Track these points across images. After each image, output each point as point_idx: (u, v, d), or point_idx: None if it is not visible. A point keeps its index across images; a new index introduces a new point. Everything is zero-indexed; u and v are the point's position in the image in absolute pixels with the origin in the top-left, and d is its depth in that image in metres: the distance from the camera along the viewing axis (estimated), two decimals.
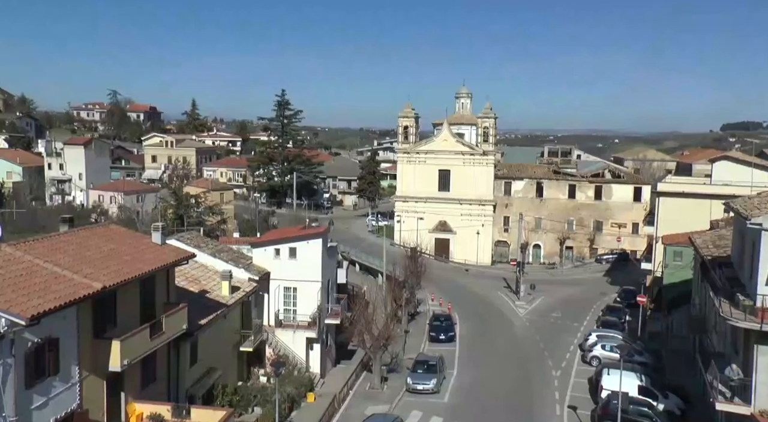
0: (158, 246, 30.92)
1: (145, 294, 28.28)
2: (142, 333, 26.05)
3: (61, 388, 22.57)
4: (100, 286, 23.80)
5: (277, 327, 42.42)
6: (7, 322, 19.76)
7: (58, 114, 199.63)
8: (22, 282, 22.22)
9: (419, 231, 78.22)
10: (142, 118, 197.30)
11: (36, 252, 25.06)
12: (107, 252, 27.78)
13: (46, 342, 21.64)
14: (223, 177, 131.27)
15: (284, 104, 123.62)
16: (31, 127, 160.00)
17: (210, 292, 36.67)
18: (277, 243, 43.10)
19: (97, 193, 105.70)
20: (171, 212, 77.81)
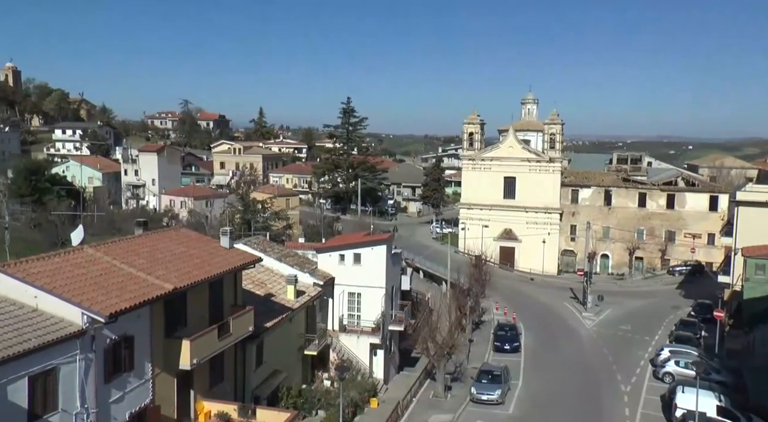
0: (226, 250, 31.64)
1: (213, 296, 28.99)
2: (211, 333, 26.68)
3: (136, 384, 23.40)
4: (172, 287, 24.52)
5: (341, 331, 42.66)
6: (89, 319, 20.67)
7: (134, 123, 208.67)
8: (101, 281, 23.18)
9: (484, 239, 77.27)
10: (212, 126, 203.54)
11: (114, 253, 26.10)
12: (178, 254, 28.62)
13: (123, 340, 22.50)
14: (289, 183, 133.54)
15: (349, 111, 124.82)
16: (109, 135, 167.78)
17: (275, 296, 37.24)
18: (342, 249, 43.37)
19: (168, 197, 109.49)
20: (238, 217, 79.66)
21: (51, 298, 21.15)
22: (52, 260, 23.75)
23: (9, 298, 21.38)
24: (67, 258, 24.42)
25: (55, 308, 21.10)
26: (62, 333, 20.13)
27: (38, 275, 21.95)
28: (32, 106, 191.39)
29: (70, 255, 24.88)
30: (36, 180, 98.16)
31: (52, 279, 22.03)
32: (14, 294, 21.42)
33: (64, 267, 23.40)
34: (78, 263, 24.17)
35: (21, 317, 20.42)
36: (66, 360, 20.16)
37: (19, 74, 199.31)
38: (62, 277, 22.41)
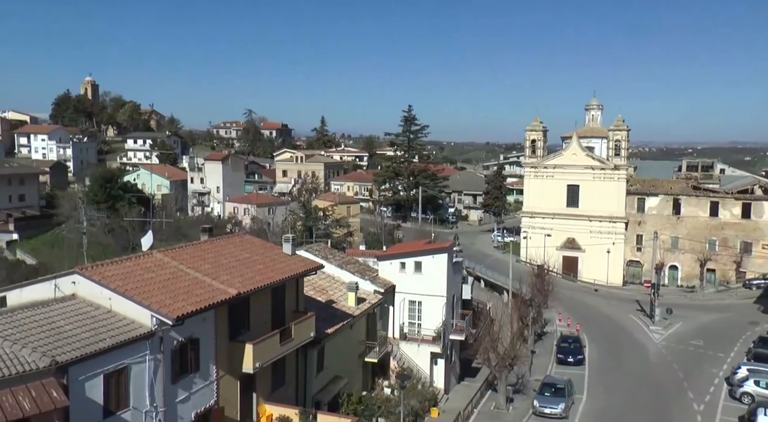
0: (288, 257, 32.11)
1: (275, 302, 29.44)
2: (273, 338, 27.07)
3: (201, 385, 24.00)
4: (235, 292, 25.04)
5: (401, 339, 42.56)
6: (158, 321, 21.35)
7: (200, 132, 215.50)
8: (169, 285, 23.90)
9: (546, 249, 75.74)
10: (275, 135, 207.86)
11: (181, 258, 26.89)
12: (242, 260, 29.22)
13: (189, 342, 23.13)
14: (350, 191, 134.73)
15: (410, 119, 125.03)
16: (177, 145, 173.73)
17: (336, 302, 37.51)
18: (403, 257, 43.33)
19: (232, 204, 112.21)
20: (300, 224, 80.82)
21: (123, 300, 21.98)
22: (124, 264, 24.68)
23: (86, 299, 22.38)
24: (138, 262, 25.32)
25: (127, 310, 21.91)
26: (133, 334, 20.87)
27: (112, 278, 22.84)
28: (108, 117, 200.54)
29: (141, 259, 25.79)
30: (110, 187, 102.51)
31: (125, 282, 22.88)
32: (91, 296, 22.40)
33: (135, 270, 24.27)
34: (148, 267, 25.02)
35: (97, 317, 21.33)
36: (137, 360, 20.90)
37: (97, 88, 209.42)
38: (134, 280, 23.24)
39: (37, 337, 19.11)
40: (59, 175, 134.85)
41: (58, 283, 22.96)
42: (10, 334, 18.91)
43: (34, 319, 20.36)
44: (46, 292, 22.87)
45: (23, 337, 18.91)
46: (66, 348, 18.84)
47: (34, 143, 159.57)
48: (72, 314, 21.34)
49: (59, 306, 21.84)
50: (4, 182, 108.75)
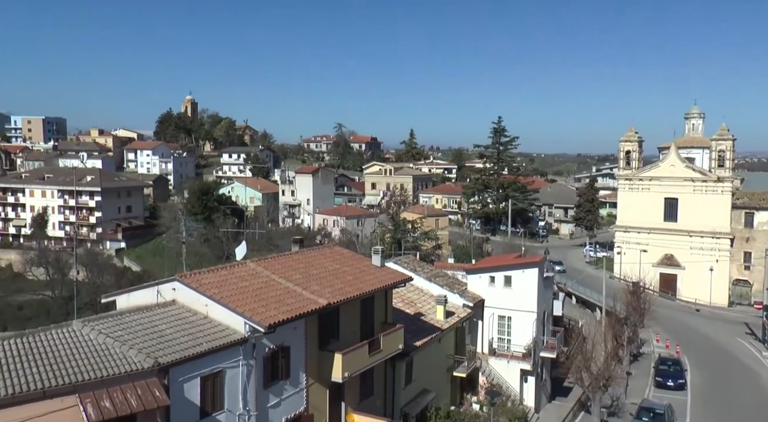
0: (377, 269, 32.22)
1: (364, 313, 29.61)
2: (362, 349, 27.20)
3: (291, 392, 24.48)
4: (325, 302, 25.38)
5: (490, 355, 41.74)
6: (251, 328, 21.99)
7: (291, 146, 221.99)
8: (262, 294, 24.56)
9: (642, 265, 72.31)
10: (364, 148, 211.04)
11: (273, 268, 27.59)
12: (332, 271, 29.61)
13: (280, 349, 23.65)
14: (439, 203, 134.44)
15: (500, 131, 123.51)
16: (269, 158, 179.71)
17: (425, 315, 37.30)
18: (492, 271, 42.58)
19: (322, 216, 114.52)
20: (389, 236, 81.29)
21: (219, 307, 22.79)
22: (219, 272, 25.62)
23: (185, 305, 23.41)
24: (233, 271, 26.21)
25: (222, 316, 22.70)
26: (228, 340, 21.57)
27: (209, 286, 23.76)
28: (205, 133, 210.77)
29: (235, 268, 26.68)
30: (206, 199, 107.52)
31: (220, 290, 23.73)
32: (189, 302, 23.41)
33: (230, 279, 25.12)
34: (242, 276, 25.84)
35: (195, 323, 22.25)
36: (231, 365, 21.57)
37: (196, 106, 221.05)
38: (228, 288, 24.06)
39: (142, 339, 20.17)
40: (161, 187, 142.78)
41: (160, 289, 24.17)
42: (119, 335, 20.08)
43: (140, 322, 21.49)
44: (150, 297, 24.13)
45: (130, 339, 20.02)
46: (167, 351, 19.77)
47: (140, 158, 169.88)
48: (172, 319, 22.37)
49: (161, 310, 22.96)
50: (115, 195, 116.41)
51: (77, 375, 17.74)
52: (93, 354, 19.04)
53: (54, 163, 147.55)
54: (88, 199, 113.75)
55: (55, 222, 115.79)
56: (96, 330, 20.25)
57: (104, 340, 19.78)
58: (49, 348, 18.89)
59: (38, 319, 62.48)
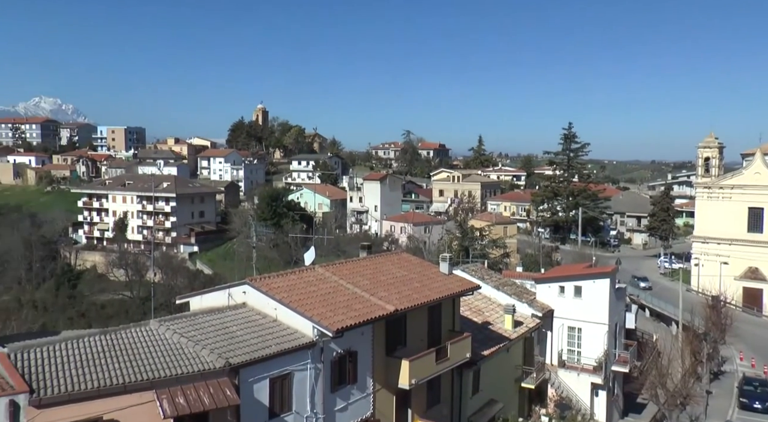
0: (445, 276, 32.02)
1: (432, 320, 29.46)
2: (429, 356, 27.05)
3: (358, 396, 24.59)
4: (393, 309, 25.39)
5: (560, 367, 40.67)
6: (319, 332, 22.25)
7: (359, 153, 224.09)
8: (329, 299, 24.82)
9: (722, 278, 68.86)
10: (432, 154, 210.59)
11: (341, 274, 27.86)
12: (399, 278, 29.61)
13: (347, 354, 23.83)
14: (507, 211, 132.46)
15: (570, 137, 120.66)
16: (338, 165, 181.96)
17: (492, 325, 36.77)
18: (562, 281, 41.56)
19: (389, 223, 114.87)
20: (456, 244, 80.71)
21: (288, 311, 23.18)
22: (288, 277, 26.08)
23: (255, 308, 23.95)
24: (301, 275, 26.61)
25: (290, 320, 23.07)
26: (297, 343, 21.90)
27: (278, 290, 24.21)
28: (275, 141, 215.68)
29: (304, 273, 27.08)
30: (276, 205, 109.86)
31: (289, 294, 24.13)
32: (259, 305, 23.94)
33: (298, 284, 25.52)
34: (310, 281, 26.20)
35: (264, 325, 22.73)
36: (299, 368, 21.89)
37: (266, 114, 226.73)
38: (297, 293, 24.44)
39: (214, 340, 20.75)
40: (232, 194, 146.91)
41: (231, 292, 24.82)
42: (192, 335, 20.74)
43: (212, 323, 22.12)
44: (221, 300, 24.81)
45: (203, 339, 20.64)
46: (238, 352, 20.26)
47: (212, 165, 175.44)
48: (243, 321, 22.91)
49: (232, 313, 23.56)
50: (189, 200, 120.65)
51: (154, 372, 18.44)
52: (168, 352, 19.73)
53: (134, 170, 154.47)
54: (164, 205, 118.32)
55: (134, 226, 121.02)
56: (171, 329, 20.98)
57: (179, 340, 20.46)
58: (128, 346, 19.72)
59: (118, 317, 65.35)
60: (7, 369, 17.19)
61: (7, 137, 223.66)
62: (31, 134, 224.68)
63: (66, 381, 17.28)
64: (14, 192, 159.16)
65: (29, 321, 59.06)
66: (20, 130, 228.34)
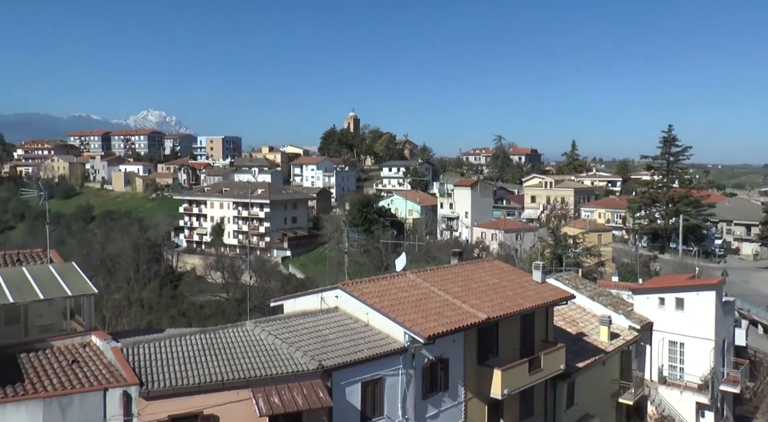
0: (538, 284, 31.25)
1: (524, 330, 28.81)
2: (522, 366, 26.44)
3: (450, 404, 24.42)
4: (485, 317, 25.02)
5: (660, 383, 38.60)
6: (410, 338, 22.26)
7: (450, 159, 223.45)
8: (421, 305, 24.79)
9: None
10: (523, 160, 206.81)
11: (432, 280, 27.79)
12: (491, 285, 29.17)
13: (439, 361, 23.70)
14: (601, 218, 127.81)
15: (670, 140, 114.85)
16: (428, 171, 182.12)
17: (587, 336, 35.48)
18: (662, 292, 39.47)
19: (480, 230, 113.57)
20: (548, 251, 78.63)
21: (379, 316, 23.35)
22: (380, 282, 26.28)
23: (347, 312, 24.29)
24: (392, 281, 26.74)
25: (382, 325, 23.22)
26: (388, 348, 22.00)
27: (369, 295, 24.44)
28: (366, 148, 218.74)
29: (395, 279, 27.21)
30: (366, 212, 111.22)
31: (381, 299, 24.29)
32: (351, 310, 24.28)
33: (389, 289, 25.65)
34: (401, 287, 26.28)
35: (356, 330, 23.01)
36: (390, 373, 21.98)
37: (358, 122, 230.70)
38: (388, 298, 24.57)
39: (307, 342, 21.21)
40: (324, 200, 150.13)
41: (324, 296, 25.32)
42: (286, 337, 21.31)
43: (305, 326, 22.63)
44: (314, 303, 25.35)
45: (296, 341, 21.15)
46: (330, 355, 20.60)
47: (305, 172, 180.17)
48: (335, 324, 23.29)
49: (324, 316, 24.01)
50: (282, 206, 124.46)
51: (250, 372, 19.07)
52: (263, 353, 20.34)
53: (231, 177, 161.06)
54: (258, 211, 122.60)
55: (230, 231, 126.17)
56: (266, 331, 21.62)
57: (273, 341, 21.05)
58: (226, 345, 20.50)
59: (216, 318, 68.07)
60: (120, 362, 18.33)
61: (119, 148, 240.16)
62: (139, 145, 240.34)
63: (171, 376, 18.21)
64: (125, 198, 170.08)
65: (137, 318, 62.70)
66: (130, 141, 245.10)
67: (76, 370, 17.90)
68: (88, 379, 17.51)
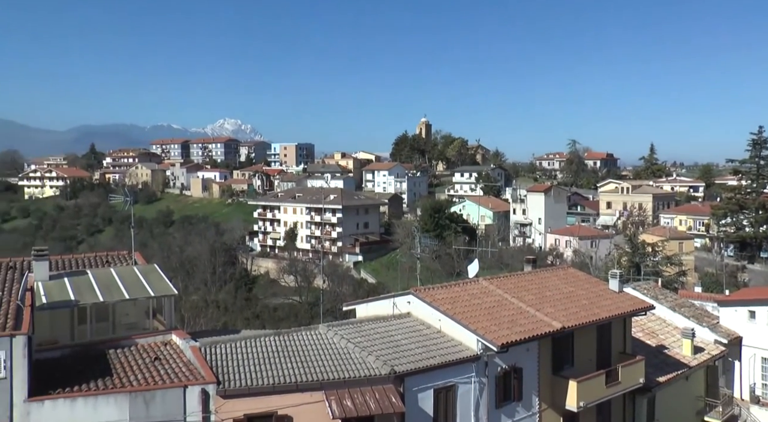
0: (615, 294, 30.24)
1: (601, 340, 27.90)
2: (598, 378, 25.60)
3: (524, 415, 23.92)
4: (560, 326, 24.39)
5: (752, 403, 36.36)
6: (483, 346, 21.96)
7: (523, 164, 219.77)
8: (494, 312, 24.43)
9: None
10: (599, 165, 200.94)
11: (505, 287, 27.35)
12: (566, 294, 28.44)
13: (512, 370, 23.25)
14: (682, 225, 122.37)
15: (760, 143, 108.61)
16: (500, 177, 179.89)
17: (668, 349, 33.95)
18: (752, 304, 37.21)
19: (553, 236, 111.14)
20: (626, 259, 76.00)
21: (451, 323, 23.16)
22: (452, 289, 26.08)
23: (419, 318, 24.22)
24: (465, 288, 26.48)
25: (454, 332, 23.03)
26: (460, 356, 21.78)
27: (442, 301, 24.28)
28: (438, 153, 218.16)
29: (467, 285, 26.93)
30: (438, 217, 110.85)
31: (453, 305, 24.09)
32: (423, 316, 24.20)
33: (462, 296, 25.41)
34: (474, 293, 25.98)
35: (428, 336, 22.91)
36: (463, 380, 21.73)
37: (430, 127, 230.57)
38: (461, 305, 24.33)
39: (379, 347, 21.26)
40: (395, 206, 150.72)
41: (396, 302, 25.34)
42: (359, 342, 21.45)
43: (377, 331, 22.70)
44: (386, 308, 25.42)
45: (369, 345, 21.25)
46: (402, 360, 20.58)
47: (376, 178, 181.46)
48: (407, 330, 23.26)
49: (397, 322, 24.01)
50: (354, 212, 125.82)
51: (323, 374, 19.30)
52: (336, 356, 20.54)
53: (304, 183, 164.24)
54: (330, 216, 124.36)
55: (303, 235, 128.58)
56: (339, 334, 21.83)
57: (346, 345, 21.22)
58: (300, 347, 20.83)
59: (288, 320, 69.46)
60: (199, 360, 18.95)
61: (197, 156, 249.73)
62: (216, 152, 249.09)
63: (247, 376, 18.67)
64: (202, 204, 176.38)
65: (213, 319, 64.78)
66: (208, 149, 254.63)
67: (158, 367, 18.66)
68: (169, 376, 18.22)
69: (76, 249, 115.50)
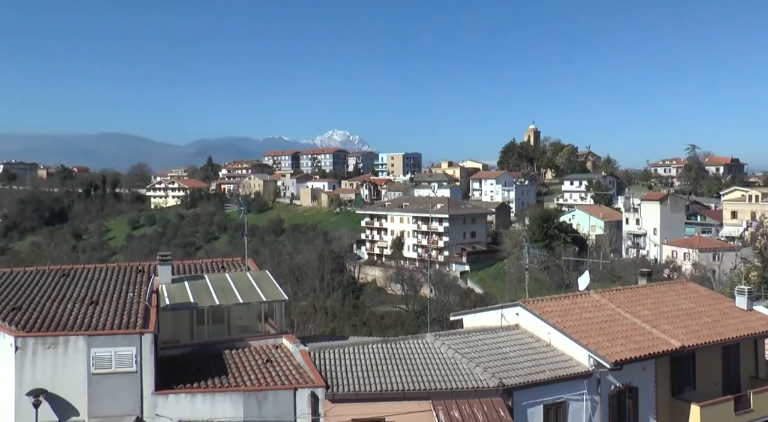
0: (743, 312, 28.01)
1: (727, 363, 26.00)
2: (726, 404, 23.79)
3: None
4: (679, 345, 23.02)
5: None
6: (595, 362, 21.08)
7: (636, 171, 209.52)
8: (606, 327, 23.43)
9: None
10: (722, 171, 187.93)
11: (618, 301, 26.18)
12: (685, 310, 26.79)
13: (627, 389, 22.15)
14: None
15: None
16: (612, 185, 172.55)
17: None
18: None
19: (670, 248, 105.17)
20: (755, 274, 70.31)
21: (561, 337, 22.43)
22: (562, 301, 25.29)
23: (528, 331, 23.64)
24: (576, 301, 25.58)
25: (564, 346, 22.28)
26: (571, 371, 21.04)
27: (551, 314, 23.59)
28: (547, 161, 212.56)
29: (578, 298, 26.01)
30: (547, 227, 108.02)
31: (563, 319, 23.33)
32: (531, 328, 23.62)
33: (572, 309, 24.56)
34: (585, 307, 25.05)
35: (538, 349, 22.33)
36: (574, 397, 20.96)
37: (538, 134, 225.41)
38: (571, 319, 23.52)
39: (487, 359, 20.97)
40: (503, 215, 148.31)
41: (504, 313, 24.90)
42: (466, 352, 21.27)
43: (484, 342, 22.41)
44: (494, 320, 25.02)
45: (476, 356, 21.02)
46: (511, 373, 20.17)
47: (484, 187, 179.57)
48: (515, 342, 22.78)
49: (505, 333, 23.59)
50: (461, 221, 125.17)
51: (430, 383, 19.29)
52: (443, 366, 20.47)
53: (410, 192, 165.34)
54: (437, 225, 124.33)
55: (409, 244, 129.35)
56: (446, 344, 21.74)
57: (453, 355, 21.09)
58: (407, 356, 20.96)
59: (395, 328, 69.96)
60: (308, 364, 19.54)
61: (307, 166, 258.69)
62: (325, 163, 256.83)
63: (354, 382, 19.02)
64: (311, 213, 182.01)
65: (322, 325, 66.48)
66: (317, 159, 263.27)
67: (270, 369, 19.43)
68: (280, 378, 18.92)
69: (195, 255, 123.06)
